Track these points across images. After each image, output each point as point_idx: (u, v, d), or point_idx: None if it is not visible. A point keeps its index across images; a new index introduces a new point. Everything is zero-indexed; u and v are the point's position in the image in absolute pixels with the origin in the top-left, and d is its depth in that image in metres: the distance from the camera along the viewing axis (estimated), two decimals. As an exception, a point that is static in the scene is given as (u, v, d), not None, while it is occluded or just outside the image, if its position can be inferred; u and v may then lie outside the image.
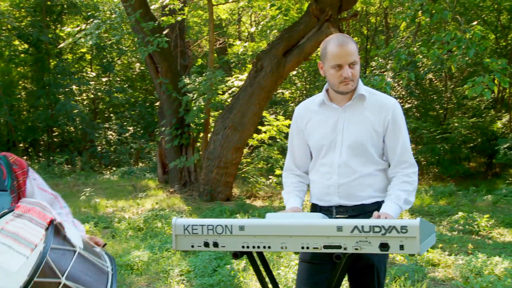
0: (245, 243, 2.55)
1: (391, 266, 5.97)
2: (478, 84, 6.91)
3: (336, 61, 2.93)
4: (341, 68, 2.92)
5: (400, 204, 2.92)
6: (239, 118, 11.83)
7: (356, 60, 2.96)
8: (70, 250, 2.08)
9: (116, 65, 25.07)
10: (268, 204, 11.89)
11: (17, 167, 2.48)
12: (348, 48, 2.92)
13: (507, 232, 8.64)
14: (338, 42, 2.94)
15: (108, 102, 24.27)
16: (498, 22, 18.35)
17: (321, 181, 3.09)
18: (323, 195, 3.07)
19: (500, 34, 18.43)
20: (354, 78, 2.95)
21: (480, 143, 17.79)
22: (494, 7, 17.99)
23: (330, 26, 11.08)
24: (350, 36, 3.12)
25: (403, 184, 2.98)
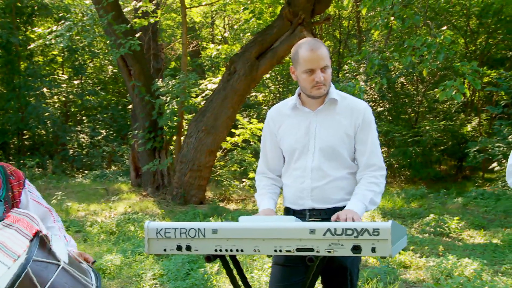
0: (218, 246, 2.54)
1: (363, 269, 6.01)
2: (449, 88, 7.00)
3: (308, 65, 2.93)
4: (313, 73, 2.93)
5: (365, 203, 2.94)
6: (213, 121, 11.81)
7: (328, 64, 2.97)
8: (54, 263, 2.05)
9: (88, 68, 24.83)
10: (241, 207, 11.89)
11: (14, 178, 2.49)
12: (320, 53, 2.93)
13: (476, 234, 8.76)
14: (310, 46, 2.95)
15: (80, 105, 24.01)
16: (467, 27, 18.63)
17: (294, 185, 3.10)
18: (296, 199, 3.09)
19: (469, 38, 18.71)
20: (326, 82, 2.97)
21: (450, 146, 18.03)
22: (463, 12, 18.27)
23: (303, 30, 11.13)
24: (323, 39, 3.15)
25: (370, 184, 3.01)
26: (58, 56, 23.58)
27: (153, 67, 14.39)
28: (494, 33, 18.44)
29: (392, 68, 16.98)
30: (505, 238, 8.16)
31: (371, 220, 9.50)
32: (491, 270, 6.16)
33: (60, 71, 24.30)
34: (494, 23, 17.92)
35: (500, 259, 6.83)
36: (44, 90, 22.14)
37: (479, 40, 18.83)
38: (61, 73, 24.10)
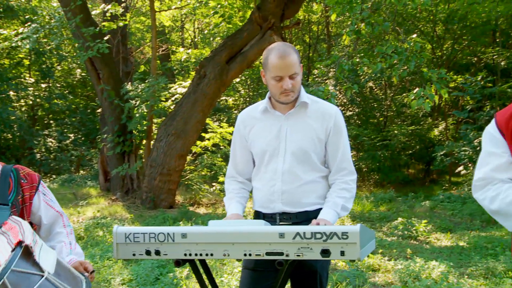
0: (188, 250, 2.54)
1: (332, 272, 6.04)
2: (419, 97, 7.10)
3: (277, 72, 2.93)
4: (282, 80, 2.93)
5: (337, 210, 2.96)
6: (182, 125, 11.77)
7: (297, 71, 2.96)
8: (37, 274, 2.01)
9: (56, 71, 24.52)
10: (211, 211, 11.86)
11: (26, 181, 2.48)
12: (289, 60, 2.92)
13: (443, 237, 8.89)
14: (279, 53, 2.93)
15: (47, 108, 23.70)
16: (434, 33, 18.93)
17: (264, 188, 3.10)
18: (266, 202, 3.09)
19: (436, 44, 19.01)
20: (294, 89, 2.97)
21: (418, 150, 18.28)
22: (430, 18, 18.55)
23: (273, 34, 11.18)
24: (293, 44, 3.17)
25: (341, 191, 3.03)
26: (24, 59, 23.23)
27: (122, 70, 14.29)
28: (460, 39, 18.78)
29: (361, 73, 17.15)
30: (470, 241, 8.30)
31: (340, 223, 9.57)
32: (457, 272, 6.26)
33: (27, 74, 23.96)
34: (460, 29, 18.25)
35: (466, 262, 6.94)
36: (10, 93, 21.81)
37: (445, 45, 19.15)
38: (28, 76, 23.76)
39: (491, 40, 19.32)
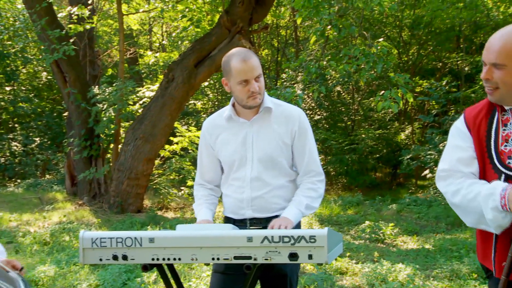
0: (155, 255, 2.53)
1: (301, 275, 6.07)
2: (386, 98, 7.20)
3: (242, 76, 2.94)
4: (248, 83, 2.94)
5: (301, 209, 2.99)
6: (151, 129, 11.70)
7: (261, 72, 3.00)
8: None
9: (21, 74, 24.11)
10: (180, 215, 11.80)
11: None
12: (252, 63, 2.94)
13: (409, 239, 9.00)
14: (241, 57, 2.95)
15: (12, 112, 23.28)
16: (400, 38, 19.18)
17: (234, 195, 3.11)
18: (236, 209, 3.10)
19: (402, 49, 19.26)
20: (261, 91, 2.99)
21: (385, 154, 18.46)
22: (396, 24, 18.80)
23: (241, 38, 11.20)
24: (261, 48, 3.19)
25: (307, 190, 3.06)
26: (-12, 62, 22.81)
27: (89, 74, 14.14)
28: (425, 45, 19.07)
29: (328, 77, 17.27)
30: (436, 243, 8.42)
31: (308, 227, 9.62)
32: (423, 274, 6.35)
33: (-9, 77, 23.52)
34: (425, 35, 18.54)
35: (432, 264, 7.05)
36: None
37: (411, 51, 19.41)
38: (-9, 79, 23.32)
39: (455, 46, 19.66)
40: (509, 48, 2.32)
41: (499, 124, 2.49)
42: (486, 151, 2.49)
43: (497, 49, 2.33)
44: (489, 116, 2.53)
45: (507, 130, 2.46)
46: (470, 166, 2.53)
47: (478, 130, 2.53)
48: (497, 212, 2.31)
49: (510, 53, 2.32)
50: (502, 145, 2.45)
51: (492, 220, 2.33)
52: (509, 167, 2.41)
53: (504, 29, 2.41)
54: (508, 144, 2.44)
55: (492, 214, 2.32)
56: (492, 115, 2.52)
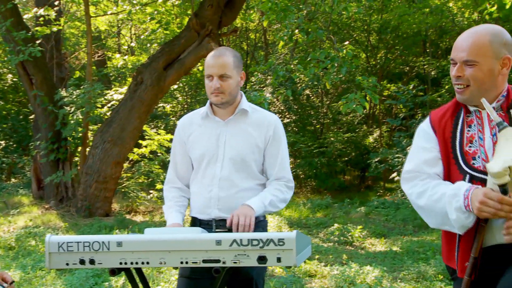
0: (123, 259, 2.51)
1: (270, 278, 6.09)
2: (351, 101, 7.27)
3: (208, 71, 3.01)
4: (211, 79, 2.99)
5: (265, 203, 3.00)
6: (119, 132, 11.61)
7: (229, 74, 3.00)
8: None
9: (-15, 76, 23.70)
10: (149, 219, 11.73)
11: None
12: (222, 60, 2.98)
13: (378, 242, 9.09)
14: (215, 53, 3.03)
15: (-24, 115, 22.88)
16: (368, 42, 19.38)
17: (202, 193, 3.11)
18: (203, 208, 3.10)
19: (370, 53, 19.46)
20: (224, 91, 3.00)
21: (354, 157, 18.61)
22: (364, 28, 18.99)
23: (210, 41, 11.19)
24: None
25: (275, 190, 3.09)
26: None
27: (56, 76, 13.96)
28: (393, 49, 19.30)
29: (297, 81, 17.35)
30: (403, 245, 8.52)
31: (277, 230, 9.64)
32: (391, 276, 6.42)
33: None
34: (392, 39, 18.77)
35: (399, 266, 7.13)
36: None
37: (379, 55, 19.63)
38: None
39: (421, 50, 19.96)
40: (480, 45, 2.38)
41: (464, 126, 2.54)
42: (452, 151, 2.53)
43: (468, 46, 2.39)
44: (454, 117, 2.58)
45: (472, 131, 2.52)
46: (434, 167, 2.58)
47: (444, 131, 2.57)
48: (460, 213, 2.35)
49: (481, 50, 2.38)
50: (466, 146, 2.50)
51: (456, 220, 2.37)
52: (474, 168, 2.46)
53: (473, 28, 2.48)
54: (472, 145, 2.49)
55: (456, 214, 2.36)
56: (457, 116, 2.57)
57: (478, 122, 2.51)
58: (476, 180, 2.42)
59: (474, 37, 2.40)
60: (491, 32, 2.42)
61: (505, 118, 2.44)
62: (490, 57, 2.39)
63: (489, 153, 2.44)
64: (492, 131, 2.46)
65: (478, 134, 2.50)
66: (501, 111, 2.47)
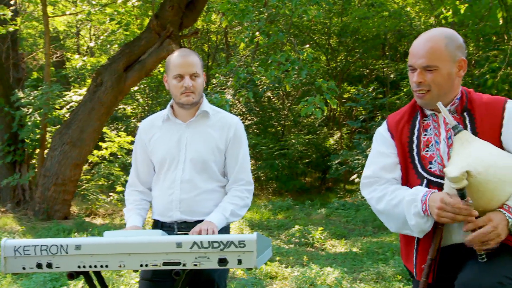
0: (82, 262, 2.48)
1: (231, 281, 6.08)
2: (310, 104, 7.33)
3: (177, 70, 2.98)
4: (182, 78, 2.98)
5: (226, 215, 3.00)
6: (78, 134, 11.45)
7: (199, 73, 3.02)
8: None
9: None
10: (109, 221, 11.59)
11: None
12: (190, 59, 3.00)
13: (338, 243, 9.16)
14: (181, 53, 3.03)
15: None
16: (329, 45, 19.55)
17: (163, 196, 3.09)
18: (165, 210, 3.08)
19: (330, 56, 19.63)
20: (195, 90, 3.01)
21: (314, 159, 18.72)
22: (324, 31, 19.16)
23: (171, 43, 11.13)
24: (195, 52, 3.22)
25: (234, 198, 3.08)
26: None
27: (12, 77, 13.68)
28: (353, 52, 19.51)
29: (259, 83, 17.39)
30: (363, 246, 8.62)
31: (238, 232, 9.64)
32: (351, 277, 6.48)
33: None
34: (352, 42, 18.97)
35: (359, 267, 7.20)
36: None
37: (339, 57, 19.81)
38: None
39: (381, 53, 20.24)
40: (438, 50, 2.41)
41: (421, 130, 2.57)
42: (409, 156, 2.56)
43: (426, 52, 2.42)
44: (411, 121, 2.61)
45: (428, 135, 2.55)
46: (392, 172, 2.60)
47: (401, 136, 2.60)
48: (419, 218, 2.38)
49: (439, 55, 2.40)
50: (423, 150, 2.53)
51: (414, 225, 2.41)
52: (431, 172, 2.49)
53: (427, 33, 2.50)
54: (429, 149, 2.52)
55: (415, 220, 2.39)
56: (413, 120, 2.60)
57: (435, 125, 2.55)
58: (433, 184, 2.46)
59: (430, 42, 2.43)
60: (445, 36, 2.46)
61: (460, 121, 2.48)
62: (448, 61, 2.42)
63: (444, 156, 2.48)
64: (448, 134, 2.49)
65: (434, 138, 2.53)
66: (456, 114, 2.51)
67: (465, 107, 2.50)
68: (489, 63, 13.60)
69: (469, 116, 2.48)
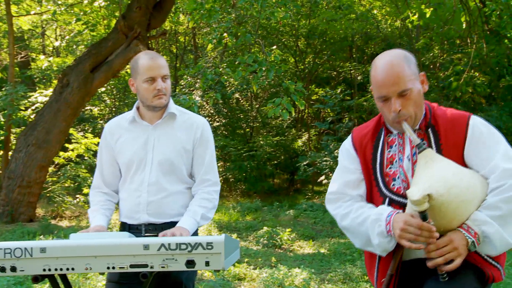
0: (47, 265, 2.44)
1: (199, 282, 6.07)
2: (277, 105, 7.36)
3: (149, 73, 2.95)
4: (154, 81, 2.96)
5: (197, 219, 3.00)
6: (44, 135, 11.29)
7: (168, 74, 3.02)
8: None
9: None
10: (75, 224, 11.45)
11: None
12: (160, 61, 2.99)
13: (306, 244, 9.21)
14: (149, 56, 3.00)
15: None
16: (297, 47, 19.65)
17: (130, 198, 3.08)
18: (132, 213, 3.06)
19: (298, 58, 19.72)
20: (167, 92, 3.01)
21: (283, 161, 18.77)
22: (292, 33, 19.25)
23: (138, 44, 11.06)
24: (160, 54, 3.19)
25: (202, 200, 3.07)
26: None
27: (-24, 77, 13.46)
28: (320, 54, 19.63)
29: (227, 84, 17.38)
30: (331, 247, 8.68)
31: (207, 234, 9.63)
32: (318, 278, 6.53)
33: None
34: (320, 44, 19.10)
35: (327, 268, 7.25)
36: None
37: (307, 59, 19.92)
38: None
39: (348, 55, 20.41)
40: (403, 72, 2.39)
41: (385, 146, 2.56)
42: (372, 173, 2.56)
43: (396, 77, 2.38)
44: (375, 138, 2.60)
45: (392, 152, 2.54)
46: (357, 188, 2.61)
47: (365, 152, 2.60)
48: (382, 237, 2.40)
49: (407, 77, 2.38)
50: (387, 168, 2.53)
51: (378, 244, 2.42)
52: (393, 191, 2.49)
53: (385, 60, 2.45)
54: (392, 166, 2.52)
55: (378, 239, 2.41)
56: (378, 137, 2.60)
57: (400, 142, 2.54)
58: (395, 203, 2.47)
59: (394, 67, 2.39)
60: (403, 56, 2.44)
61: (424, 137, 2.48)
62: (414, 79, 2.41)
63: (408, 174, 2.48)
64: (413, 150, 2.49)
65: (398, 155, 2.52)
66: (420, 130, 2.51)
67: (429, 123, 2.49)
68: (453, 66, 13.86)
69: (433, 133, 2.47)
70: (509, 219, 2.27)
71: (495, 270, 2.38)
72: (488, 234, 2.26)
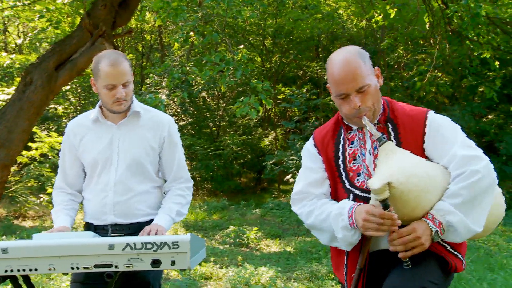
0: (9, 266, 2.40)
1: (165, 282, 6.04)
2: (245, 104, 7.36)
3: (109, 81, 2.88)
4: (114, 88, 2.89)
5: (172, 216, 3.00)
6: (6, 134, 11.06)
7: (129, 79, 2.94)
8: None
9: None
10: (39, 224, 11.29)
11: None
12: (121, 68, 2.88)
13: (272, 243, 9.25)
14: (111, 61, 2.88)
15: None
16: (263, 46, 19.69)
17: (96, 199, 3.03)
18: (98, 214, 3.02)
19: (265, 57, 19.77)
20: (127, 97, 2.95)
21: (250, 160, 18.82)
22: (259, 32, 19.29)
23: (104, 42, 10.92)
24: (125, 52, 3.15)
25: (176, 197, 3.07)
26: None
27: None
28: (287, 53, 19.72)
29: (193, 83, 17.33)
30: (297, 246, 8.73)
31: (173, 233, 9.58)
32: (285, 277, 6.56)
33: None
34: (287, 43, 19.18)
35: (293, 266, 7.30)
36: None
37: (274, 58, 19.98)
38: None
39: (314, 55, 20.54)
40: (360, 68, 2.41)
41: (346, 143, 2.60)
42: (336, 170, 2.59)
43: (353, 74, 2.40)
44: (336, 135, 2.63)
45: (354, 147, 2.57)
46: (321, 187, 2.64)
47: (326, 150, 2.63)
48: (346, 231, 2.42)
49: (363, 72, 2.41)
50: (350, 163, 2.56)
51: (342, 238, 2.45)
52: (357, 186, 2.53)
53: (340, 57, 2.47)
54: (355, 161, 2.55)
55: (342, 233, 2.43)
56: (338, 135, 2.63)
57: (360, 137, 2.58)
58: (359, 198, 2.50)
59: (350, 64, 2.41)
60: (357, 52, 2.47)
61: (384, 131, 2.52)
62: (370, 74, 2.44)
63: (370, 167, 2.51)
64: (373, 144, 2.53)
65: (360, 150, 2.56)
66: (380, 124, 2.54)
67: (388, 117, 2.53)
68: (417, 66, 14.07)
69: (393, 127, 2.52)
70: (471, 205, 2.32)
71: (458, 260, 2.45)
72: (452, 223, 2.31)
